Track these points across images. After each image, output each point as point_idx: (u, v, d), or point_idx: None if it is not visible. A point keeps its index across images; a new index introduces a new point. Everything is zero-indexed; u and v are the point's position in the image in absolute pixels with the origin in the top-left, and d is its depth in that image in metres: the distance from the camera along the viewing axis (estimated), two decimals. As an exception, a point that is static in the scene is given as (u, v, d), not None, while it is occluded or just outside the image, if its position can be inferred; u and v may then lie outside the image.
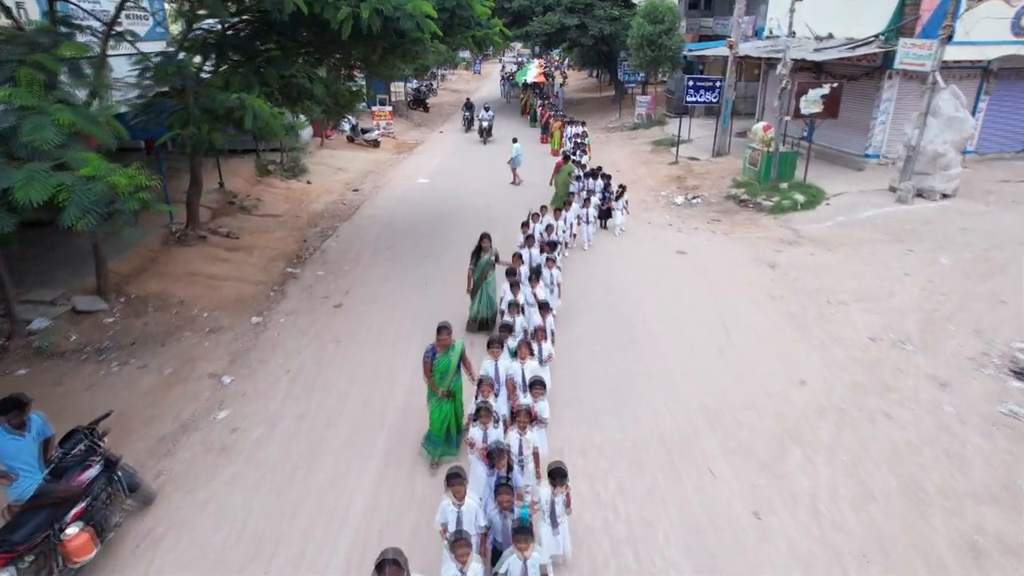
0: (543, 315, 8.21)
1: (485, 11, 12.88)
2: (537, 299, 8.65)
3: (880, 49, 17.96)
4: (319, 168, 22.09)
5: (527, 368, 6.89)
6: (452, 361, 6.89)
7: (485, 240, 9.77)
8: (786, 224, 15.49)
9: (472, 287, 9.86)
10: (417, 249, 14.06)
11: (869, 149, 19.74)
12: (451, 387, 6.95)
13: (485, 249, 9.73)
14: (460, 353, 7.01)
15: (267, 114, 8.43)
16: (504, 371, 6.89)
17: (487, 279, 9.79)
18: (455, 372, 6.96)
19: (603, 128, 32.48)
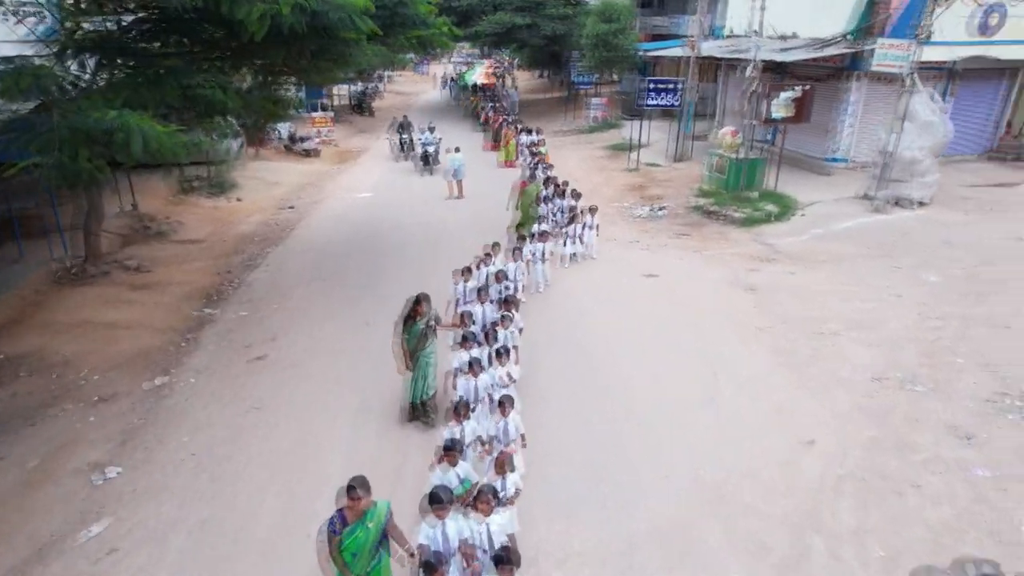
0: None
1: (430, 8, 11.35)
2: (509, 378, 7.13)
3: (849, 49, 17.11)
4: (251, 183, 20.12)
5: (493, 527, 4.85)
6: (371, 534, 4.60)
7: (421, 304, 7.60)
8: (759, 238, 14.41)
9: (406, 363, 7.48)
10: (357, 280, 12.40)
11: (836, 153, 18.95)
12: (370, 573, 4.71)
13: (421, 315, 7.59)
14: (383, 520, 4.70)
15: (158, 134, 6.69)
16: (456, 536, 4.82)
17: (425, 350, 7.67)
18: (375, 550, 4.68)
19: (555, 132, 31.18)
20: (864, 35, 17.40)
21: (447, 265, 12.82)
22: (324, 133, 27.73)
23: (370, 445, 7.42)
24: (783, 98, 15.82)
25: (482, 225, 15.59)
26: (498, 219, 15.45)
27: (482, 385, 6.95)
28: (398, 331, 7.44)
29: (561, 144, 27.52)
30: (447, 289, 10.67)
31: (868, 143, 18.95)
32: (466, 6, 33.08)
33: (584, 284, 12.07)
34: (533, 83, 59.44)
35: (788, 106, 15.93)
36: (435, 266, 13.02)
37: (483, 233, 14.79)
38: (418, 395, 7.69)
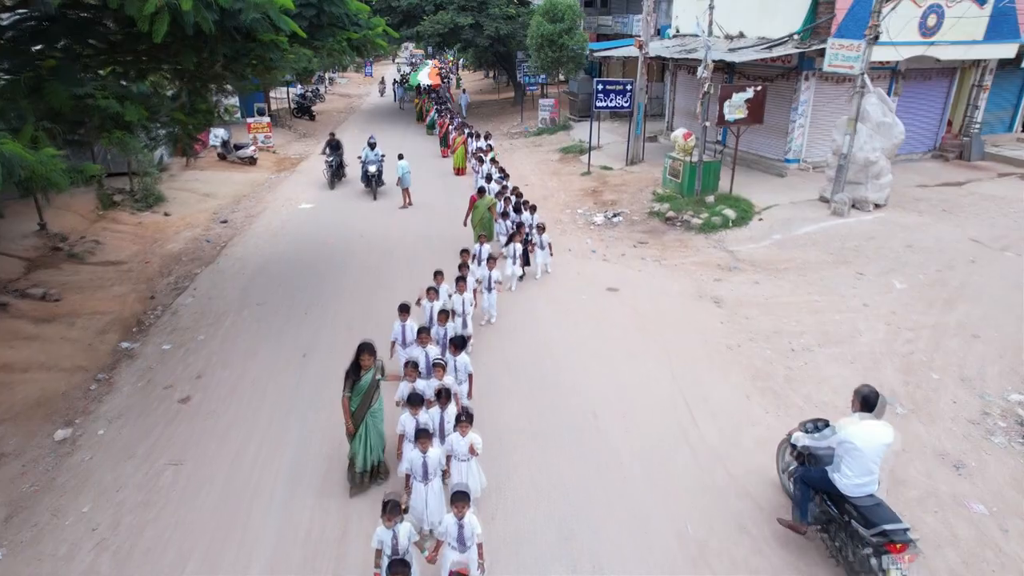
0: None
1: (363, 7, 10.39)
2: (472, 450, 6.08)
3: (798, 50, 16.88)
4: (181, 195, 18.69)
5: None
6: None
7: (366, 356, 6.43)
8: (720, 244, 13.95)
9: (352, 424, 6.45)
10: (295, 304, 11.35)
11: (789, 154, 18.76)
12: None
13: (366, 367, 6.45)
14: None
15: (27, 160, 5.56)
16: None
17: (372, 408, 6.56)
18: None
19: (506, 134, 30.47)
20: (812, 35, 17.23)
21: (394, 286, 12.03)
22: (262, 140, 26.28)
23: (307, 509, 6.47)
24: (737, 99, 15.42)
25: (433, 240, 14.75)
26: (451, 232, 14.65)
27: (432, 462, 5.73)
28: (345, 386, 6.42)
29: (512, 148, 26.80)
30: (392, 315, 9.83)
31: (820, 144, 18.84)
32: (407, 5, 32.05)
33: (543, 303, 11.31)
34: (480, 83, 58.58)
35: (742, 108, 15.55)
36: (381, 287, 12.12)
37: (434, 249, 14.01)
38: (368, 459, 6.57)
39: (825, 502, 5.65)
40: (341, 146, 20.95)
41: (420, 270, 12.70)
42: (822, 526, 5.73)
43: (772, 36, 18.34)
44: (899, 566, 4.94)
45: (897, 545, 4.96)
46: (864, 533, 5.13)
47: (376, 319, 10.58)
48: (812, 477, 5.69)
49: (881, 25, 13.63)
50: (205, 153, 24.66)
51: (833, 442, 5.52)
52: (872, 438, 5.31)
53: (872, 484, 5.40)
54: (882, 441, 5.34)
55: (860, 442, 5.29)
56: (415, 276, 12.39)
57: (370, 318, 10.66)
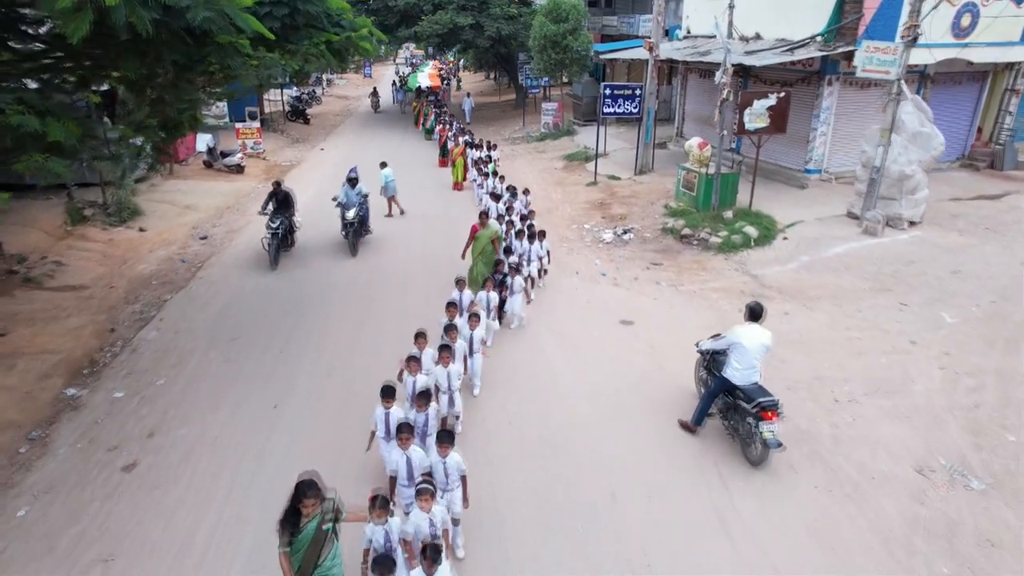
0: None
1: (345, 6, 9.18)
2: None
3: (822, 52, 15.62)
4: (160, 207, 17.47)
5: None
6: None
7: (308, 501, 4.57)
8: (742, 267, 12.70)
9: None
10: (270, 340, 10.11)
11: (809, 164, 17.50)
12: None
13: (309, 512, 4.63)
14: None
15: None
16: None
17: (322, 566, 4.73)
18: None
19: (507, 139, 29.24)
20: (836, 37, 15.99)
21: (384, 317, 10.80)
22: (252, 146, 25.05)
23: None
24: (758, 107, 14.18)
25: (428, 259, 13.51)
26: (447, 252, 13.39)
27: None
28: (280, 540, 4.63)
29: (514, 154, 25.56)
30: (380, 359, 8.61)
31: (842, 153, 17.62)
32: (404, 5, 30.81)
33: (549, 338, 10.06)
34: (481, 85, 57.36)
35: (763, 116, 14.30)
36: (369, 317, 10.91)
37: (429, 269, 12.79)
38: None
39: (724, 397, 7.28)
40: (291, 201, 13.93)
41: (414, 297, 11.55)
42: (723, 415, 7.42)
43: (792, 38, 17.09)
44: (769, 425, 6.59)
45: (768, 412, 6.61)
46: (747, 407, 6.82)
47: (361, 360, 9.38)
48: (715, 389, 7.28)
49: (921, 26, 12.38)
50: (192, 160, 23.48)
51: (726, 343, 7.16)
52: (755, 338, 6.96)
53: (755, 374, 7.02)
54: (762, 341, 7.00)
55: (746, 341, 6.94)
56: (408, 304, 11.22)
57: (354, 359, 9.46)
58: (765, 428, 6.60)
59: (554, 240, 14.70)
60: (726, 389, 7.14)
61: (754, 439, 6.82)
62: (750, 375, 6.93)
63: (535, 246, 11.41)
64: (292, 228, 14.13)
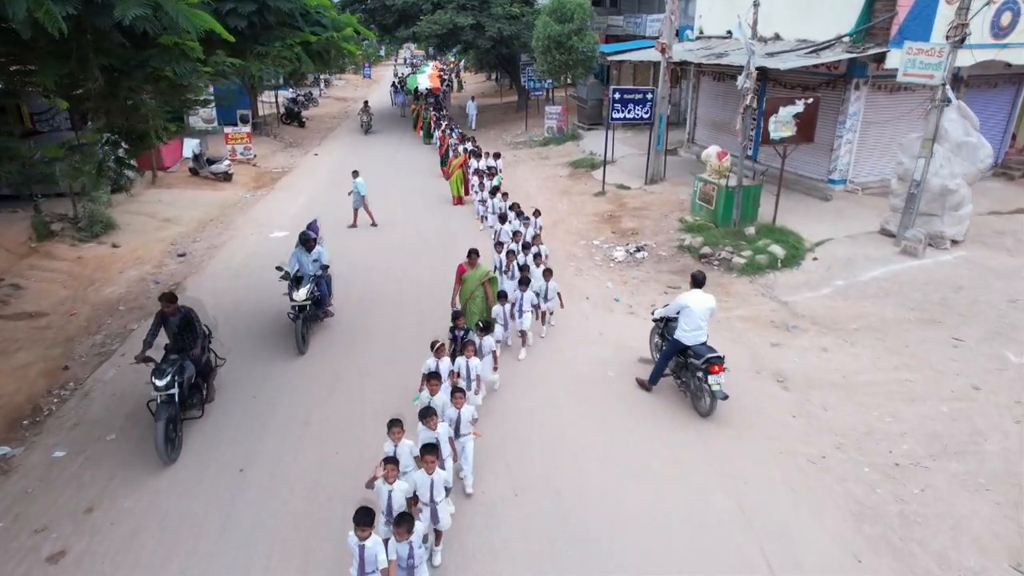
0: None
1: (324, 2, 8.00)
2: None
3: (850, 54, 14.42)
4: (137, 220, 16.30)
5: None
6: None
7: None
8: (769, 292, 11.51)
9: None
10: (240, 383, 8.92)
11: (834, 174, 16.29)
12: None
13: None
14: None
15: None
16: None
17: None
18: None
19: (508, 144, 28.05)
20: (865, 37, 14.80)
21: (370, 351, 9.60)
22: (241, 151, 23.90)
23: None
24: (784, 114, 12.98)
25: (423, 285, 12.31)
26: (444, 277, 12.19)
27: None
28: None
29: (516, 160, 24.37)
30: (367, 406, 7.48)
31: (870, 162, 16.44)
32: (402, 5, 29.64)
33: (559, 383, 8.86)
34: (483, 86, 56.21)
35: (790, 124, 13.11)
36: (354, 352, 9.72)
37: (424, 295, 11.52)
38: None
39: (677, 358, 7.96)
40: (195, 327, 8.15)
41: (405, 329, 10.32)
42: (675, 374, 8.17)
43: (814, 39, 15.91)
44: (716, 378, 7.37)
45: (715, 366, 7.39)
46: (696, 363, 7.57)
47: (343, 409, 8.19)
48: (669, 350, 7.97)
49: (969, 25, 11.19)
50: (178, 167, 22.33)
51: (676, 308, 7.88)
52: (700, 303, 7.73)
53: (702, 335, 7.74)
54: (707, 305, 7.78)
55: (693, 305, 7.69)
56: (398, 337, 10.00)
57: (335, 403, 8.26)
58: (712, 381, 7.43)
59: (561, 258, 13.53)
60: (678, 350, 7.92)
61: (703, 392, 7.68)
62: (698, 336, 7.78)
63: (528, 294, 9.32)
64: (209, 367, 8.47)
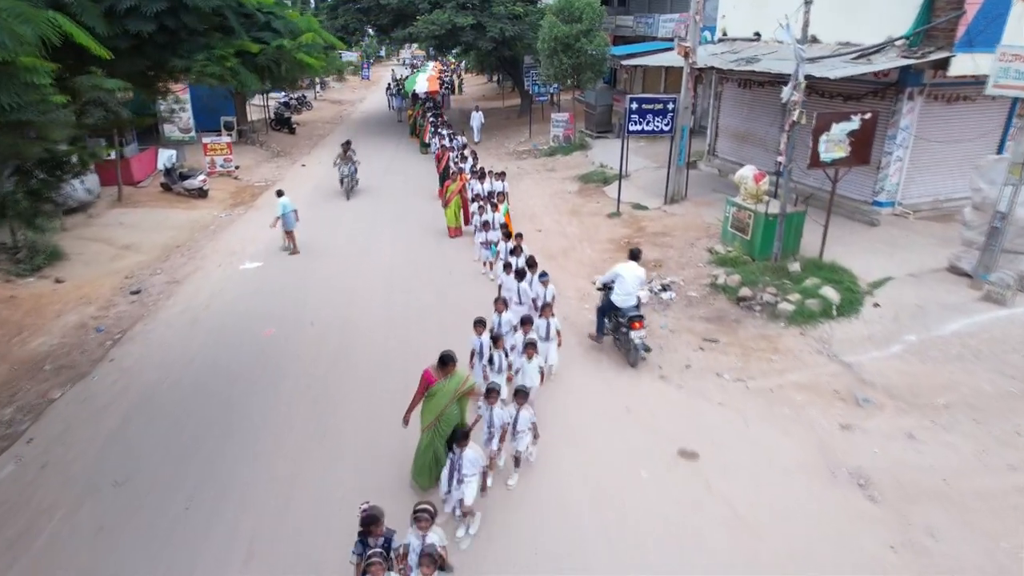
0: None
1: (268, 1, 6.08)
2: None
3: (908, 60, 12.46)
4: (91, 248, 14.39)
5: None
6: None
7: None
8: (825, 348, 9.56)
9: None
10: (175, 482, 6.98)
11: (880, 195, 14.32)
12: None
13: None
14: None
15: None
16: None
17: None
18: None
19: (511, 153, 26.12)
20: (923, 40, 12.85)
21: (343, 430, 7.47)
22: (221, 164, 21.98)
23: None
24: (837, 132, 11.04)
25: (412, 334, 10.34)
26: (439, 323, 10.32)
27: None
28: None
29: (520, 172, 22.42)
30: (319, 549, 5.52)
31: (922, 182, 14.47)
32: (398, 4, 27.71)
33: (575, 486, 6.91)
34: (484, 88, 54.32)
35: (843, 143, 11.17)
36: (325, 437, 7.77)
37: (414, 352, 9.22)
38: None
39: (615, 319, 9.53)
40: None
41: (391, 397, 8.36)
42: (613, 333, 9.72)
43: (859, 41, 13.96)
44: (638, 333, 8.95)
45: (635, 322, 8.92)
46: (623, 321, 9.16)
47: (305, 520, 6.25)
48: (603, 306, 9.65)
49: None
50: (150, 181, 20.45)
51: (611, 276, 9.44)
52: (631, 272, 9.30)
53: (632, 299, 9.16)
54: (637, 275, 9.32)
55: (625, 274, 9.26)
56: (382, 410, 8.05)
57: (290, 522, 6.33)
58: (634, 335, 8.86)
59: (573, 298, 11.61)
60: (612, 310, 9.36)
61: (630, 345, 9.03)
62: (629, 300, 9.08)
63: (525, 412, 6.67)
64: None
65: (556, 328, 8.56)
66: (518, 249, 11.02)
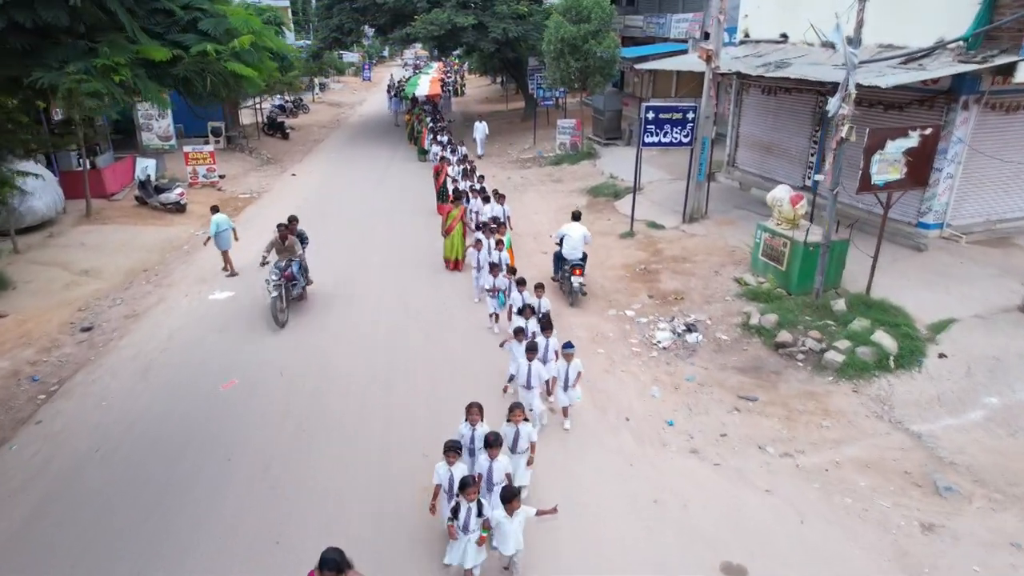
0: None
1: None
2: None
3: (968, 65, 10.88)
4: (45, 273, 12.90)
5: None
6: None
7: None
8: (886, 411, 8.00)
9: None
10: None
11: (927, 216, 12.74)
12: None
13: None
14: None
15: None
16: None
17: None
18: None
19: (515, 160, 24.60)
20: (983, 43, 11.29)
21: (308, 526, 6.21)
22: (203, 175, 20.49)
23: None
24: (892, 150, 9.49)
25: (396, 383, 8.77)
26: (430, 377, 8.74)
27: None
28: None
29: (524, 182, 20.90)
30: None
31: (975, 201, 12.89)
32: (395, 4, 26.20)
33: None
34: (487, 90, 52.81)
35: (898, 163, 9.61)
36: (287, 529, 6.21)
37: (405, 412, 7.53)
38: None
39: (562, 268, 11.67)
40: None
41: (364, 485, 6.78)
42: (560, 282, 11.90)
43: (905, 44, 12.41)
44: (577, 278, 11.18)
45: (576, 269, 11.23)
46: (566, 269, 11.38)
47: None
48: (556, 255, 11.98)
49: None
50: (125, 193, 18.98)
51: (559, 235, 11.69)
52: (575, 230, 11.49)
53: (577, 252, 11.44)
54: (581, 232, 11.48)
55: (570, 232, 11.47)
56: (349, 512, 6.46)
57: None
58: (575, 280, 11.26)
59: (585, 339, 10.08)
60: (561, 259, 11.73)
61: (571, 287, 11.38)
62: (575, 253, 11.46)
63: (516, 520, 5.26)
64: None
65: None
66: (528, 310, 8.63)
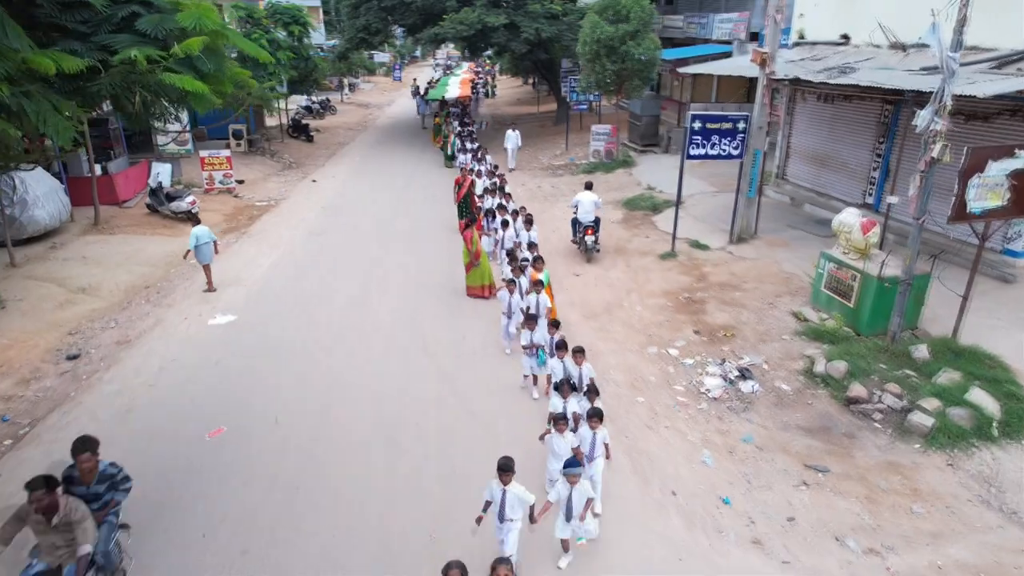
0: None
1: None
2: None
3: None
4: (38, 291, 12.03)
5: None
6: None
7: None
8: (995, 496, 6.58)
9: None
10: None
11: (1015, 242, 11.18)
12: None
13: None
14: None
15: None
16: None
17: None
18: None
19: (546, 167, 23.33)
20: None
21: None
22: (220, 180, 19.66)
23: None
24: (995, 172, 8.01)
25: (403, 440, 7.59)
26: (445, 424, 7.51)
27: None
28: None
29: (555, 192, 19.65)
30: None
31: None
32: (423, 2, 25.14)
33: None
34: (519, 92, 51.57)
35: (1000, 188, 8.13)
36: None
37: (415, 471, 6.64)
38: None
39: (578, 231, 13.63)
40: None
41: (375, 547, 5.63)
42: (578, 242, 13.86)
43: (992, 45, 10.90)
44: (590, 237, 13.37)
45: (589, 229, 13.32)
46: (582, 229, 13.46)
47: None
48: (573, 220, 13.73)
49: None
50: (138, 199, 18.21)
51: (574, 203, 13.63)
52: (587, 198, 13.36)
53: (590, 216, 13.38)
54: (592, 199, 13.39)
55: (583, 199, 13.37)
56: None
57: None
58: (588, 239, 13.37)
59: (623, 383, 8.79)
60: (577, 223, 13.61)
61: (586, 246, 13.48)
62: (588, 216, 13.39)
63: None
64: None
65: None
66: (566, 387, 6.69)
